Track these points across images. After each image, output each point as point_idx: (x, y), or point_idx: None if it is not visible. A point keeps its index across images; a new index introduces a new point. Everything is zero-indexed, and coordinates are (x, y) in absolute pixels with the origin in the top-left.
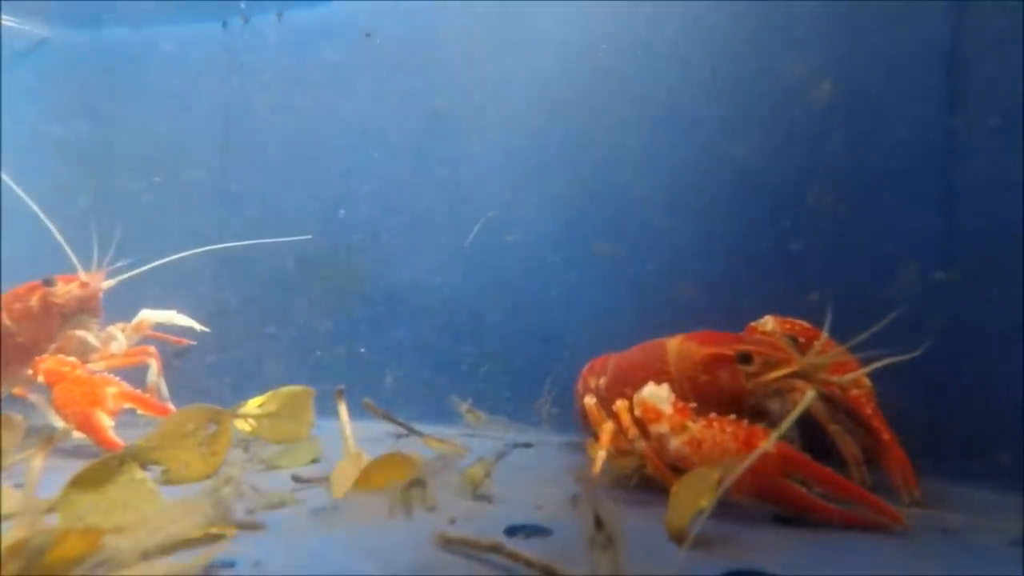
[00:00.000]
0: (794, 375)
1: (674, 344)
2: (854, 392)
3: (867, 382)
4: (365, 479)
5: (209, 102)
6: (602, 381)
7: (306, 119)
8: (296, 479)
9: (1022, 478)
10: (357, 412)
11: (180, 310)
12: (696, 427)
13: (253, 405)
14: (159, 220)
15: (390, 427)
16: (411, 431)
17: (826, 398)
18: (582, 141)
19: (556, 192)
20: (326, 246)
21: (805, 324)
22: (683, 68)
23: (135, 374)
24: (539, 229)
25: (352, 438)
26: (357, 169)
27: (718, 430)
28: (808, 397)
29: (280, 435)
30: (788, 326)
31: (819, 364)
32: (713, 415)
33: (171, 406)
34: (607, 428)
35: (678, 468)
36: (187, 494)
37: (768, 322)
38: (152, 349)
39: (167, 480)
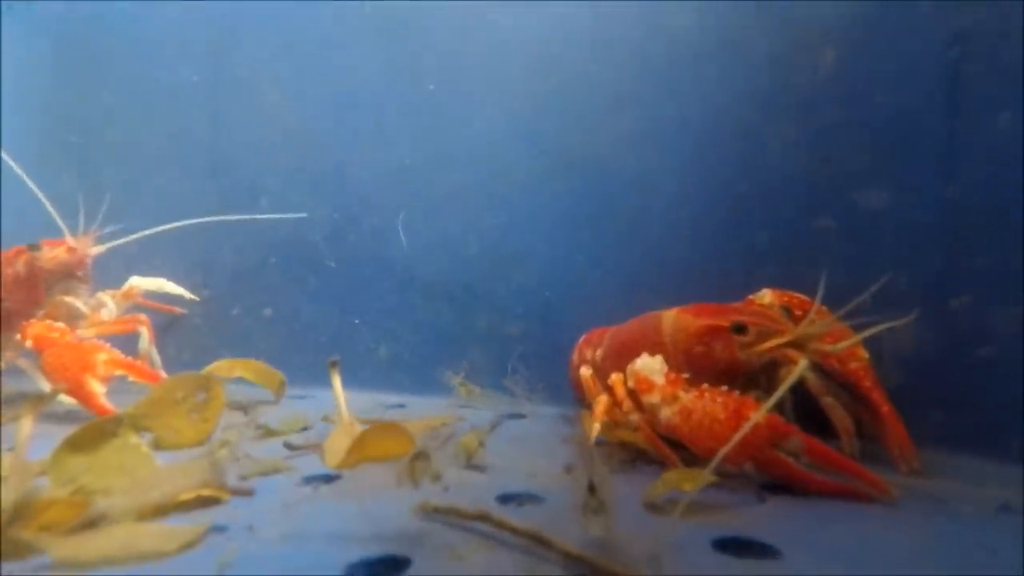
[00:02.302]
0: (788, 345)
1: (669, 316)
2: (852, 365)
3: (864, 354)
4: (359, 448)
5: (199, 69)
6: (598, 353)
7: (298, 88)
8: (288, 446)
9: (1018, 446)
10: (350, 383)
11: (170, 278)
12: (687, 397)
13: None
14: (151, 187)
15: (380, 398)
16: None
17: (822, 370)
18: (577, 116)
19: (552, 164)
20: (321, 218)
21: (802, 297)
22: (680, 48)
23: (127, 343)
24: (535, 201)
25: (346, 407)
26: (350, 141)
27: (708, 400)
28: (800, 367)
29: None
30: (785, 298)
31: (812, 333)
32: (705, 386)
33: (163, 374)
34: (602, 400)
35: (671, 440)
36: (180, 460)
37: (766, 295)
38: (143, 317)
39: (157, 446)
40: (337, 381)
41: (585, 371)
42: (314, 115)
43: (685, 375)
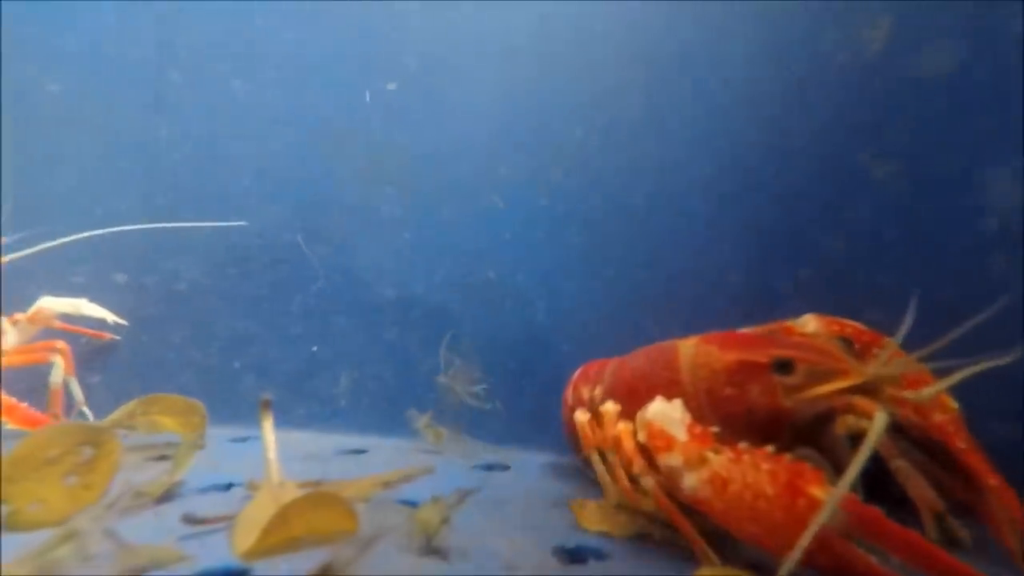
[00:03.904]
0: (853, 390)
1: (688, 347)
2: (937, 418)
3: (953, 404)
4: (279, 527)
5: (137, 58)
6: (597, 391)
7: (249, 82)
8: (189, 520)
9: None
10: (305, 421)
11: (91, 298)
12: (719, 461)
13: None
14: (71, 191)
15: (339, 440)
16: None
17: (895, 425)
18: (567, 116)
19: (540, 171)
20: (274, 230)
21: (859, 325)
22: (689, 28)
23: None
24: (520, 213)
25: (276, 464)
26: (309, 145)
27: (750, 466)
28: (879, 423)
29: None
30: (837, 327)
31: (888, 376)
32: (743, 445)
33: (88, 413)
34: (605, 477)
35: (696, 512)
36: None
37: (809, 322)
38: (61, 344)
39: (14, 524)
40: (269, 426)
41: (581, 415)
42: (270, 113)
43: (713, 428)
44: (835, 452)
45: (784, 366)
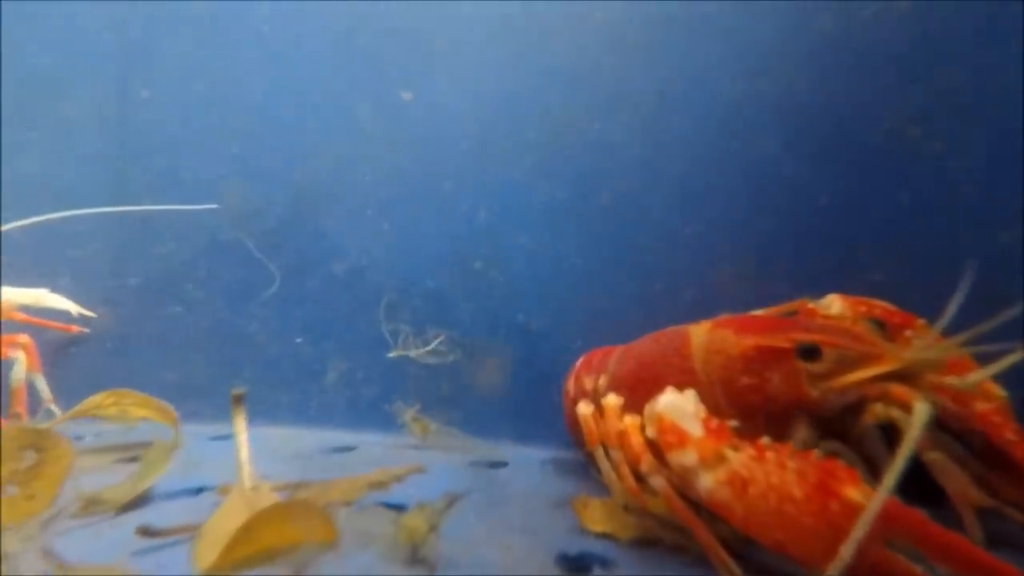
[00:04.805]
0: (889, 377)
1: (701, 333)
2: (981, 407)
3: (999, 391)
4: (246, 540)
5: (111, 42)
6: (602, 381)
7: (224, 55)
8: (145, 532)
9: None
10: (289, 416)
11: (53, 289)
12: (740, 459)
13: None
14: (38, 175)
15: (327, 436)
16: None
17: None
18: (564, 96)
19: (536, 149)
20: (257, 215)
21: (889, 305)
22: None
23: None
24: (516, 195)
25: (249, 465)
26: (288, 120)
27: (774, 465)
28: (921, 414)
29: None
30: (864, 307)
31: (930, 361)
32: (766, 441)
33: (56, 412)
34: (613, 481)
35: (712, 515)
36: None
37: (833, 302)
38: (24, 339)
39: None
40: (241, 423)
41: (584, 407)
42: (252, 100)
43: (731, 421)
44: (865, 445)
45: (809, 352)
